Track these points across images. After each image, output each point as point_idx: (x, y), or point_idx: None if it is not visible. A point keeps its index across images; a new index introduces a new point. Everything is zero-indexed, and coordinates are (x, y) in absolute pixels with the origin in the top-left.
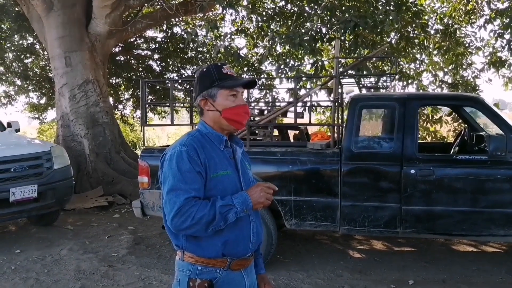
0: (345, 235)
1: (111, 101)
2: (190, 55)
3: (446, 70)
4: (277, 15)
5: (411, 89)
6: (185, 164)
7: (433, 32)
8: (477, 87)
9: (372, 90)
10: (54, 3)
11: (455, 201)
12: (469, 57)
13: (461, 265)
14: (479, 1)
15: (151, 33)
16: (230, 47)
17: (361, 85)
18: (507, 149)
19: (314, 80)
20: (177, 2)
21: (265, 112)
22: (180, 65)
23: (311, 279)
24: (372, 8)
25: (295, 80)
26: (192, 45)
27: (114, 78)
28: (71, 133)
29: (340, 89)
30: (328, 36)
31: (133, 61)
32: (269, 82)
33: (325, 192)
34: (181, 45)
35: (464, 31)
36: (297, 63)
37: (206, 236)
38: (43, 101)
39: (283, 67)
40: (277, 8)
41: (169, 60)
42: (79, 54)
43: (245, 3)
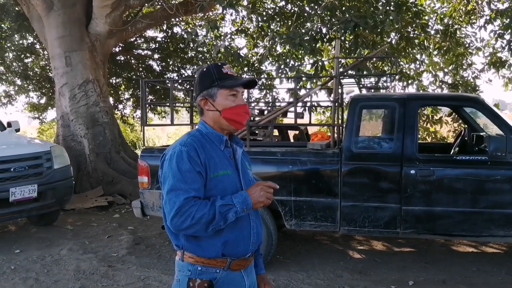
0: (345, 236)
1: (111, 101)
2: (190, 55)
3: (446, 70)
4: (277, 15)
5: (411, 90)
6: (185, 164)
7: (433, 32)
8: (477, 88)
9: (372, 90)
10: (54, 3)
11: (455, 201)
12: (469, 57)
13: (461, 265)
14: (479, 2)
15: (151, 33)
16: (230, 47)
17: (361, 85)
18: (507, 149)
19: (314, 80)
20: (177, 2)
21: (265, 112)
22: (180, 65)
23: (311, 279)
24: (372, 8)
25: (295, 80)
26: (192, 45)
27: (114, 78)
28: (71, 133)
29: (340, 89)
30: (328, 36)
31: (133, 61)
32: (269, 82)
33: (325, 192)
34: (181, 45)
35: (464, 31)
36: (297, 63)
37: (206, 236)
38: (43, 101)
39: (283, 67)
40: (277, 8)
41: (169, 60)
42: (79, 53)
43: (245, 3)
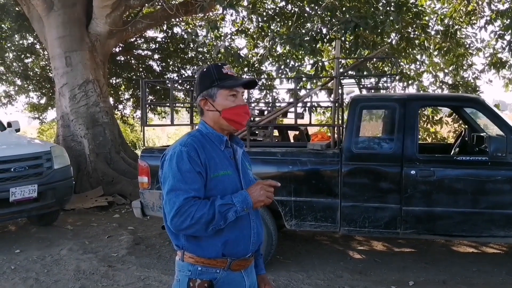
0: (345, 236)
1: (111, 101)
2: (190, 55)
3: (446, 71)
4: (277, 15)
5: (411, 90)
6: (185, 164)
7: (433, 33)
8: (477, 88)
9: (372, 90)
10: (54, 3)
11: (455, 202)
12: (469, 58)
13: (461, 266)
14: (480, 2)
15: (151, 33)
16: (230, 47)
17: (361, 85)
18: (508, 150)
19: (315, 81)
20: (177, 2)
21: (265, 113)
22: (180, 65)
23: (311, 279)
24: (372, 9)
25: (295, 80)
26: (192, 45)
27: (114, 78)
28: (71, 133)
29: (340, 90)
30: (328, 37)
31: (133, 61)
32: (269, 83)
33: (325, 192)
34: (181, 45)
35: (465, 32)
36: (297, 64)
37: (206, 236)
38: (43, 101)
39: (283, 67)
40: (277, 8)
41: (169, 60)
42: (79, 54)
43: (246, 3)
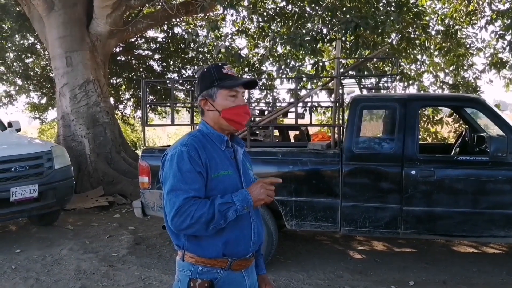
0: (345, 236)
1: (111, 101)
2: (190, 55)
3: (447, 71)
4: (278, 15)
5: (412, 90)
6: (185, 164)
7: (434, 33)
8: (478, 88)
9: (373, 90)
10: (55, 3)
11: (455, 202)
12: (470, 58)
13: (461, 266)
14: (480, 2)
15: (152, 33)
16: (230, 47)
17: (362, 85)
18: (508, 150)
19: (315, 81)
20: (178, 2)
21: (265, 113)
22: (181, 65)
23: (312, 279)
24: (373, 9)
25: (295, 80)
26: (193, 45)
27: (115, 78)
28: (72, 133)
29: (341, 90)
30: (329, 37)
31: (133, 61)
32: (270, 83)
33: (325, 192)
34: (182, 45)
35: (465, 32)
36: (298, 64)
37: (207, 236)
38: (43, 101)
39: (284, 67)
40: (278, 8)
41: (169, 60)
42: (80, 54)
43: (246, 3)
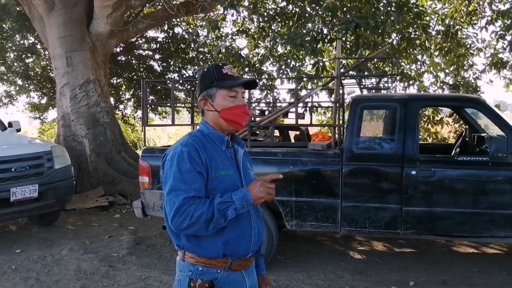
0: (345, 236)
1: (112, 101)
2: (191, 55)
3: (447, 71)
4: (278, 15)
5: (412, 90)
6: (185, 164)
7: (434, 33)
8: (478, 88)
9: (373, 91)
10: (55, 3)
11: (456, 202)
12: (470, 58)
13: (461, 266)
14: (481, 2)
15: (152, 33)
16: (231, 47)
17: (362, 86)
18: (508, 150)
19: (315, 81)
20: (178, 3)
21: (266, 113)
22: (181, 66)
23: (312, 280)
24: (373, 9)
25: (296, 80)
26: (193, 45)
27: (115, 78)
28: (72, 133)
29: (341, 90)
30: (329, 37)
31: (134, 61)
32: (270, 83)
33: (326, 193)
34: (182, 45)
35: (466, 32)
36: (298, 64)
37: (207, 236)
38: (44, 101)
39: (284, 67)
40: (278, 8)
41: (170, 60)
42: (80, 54)
43: (246, 3)
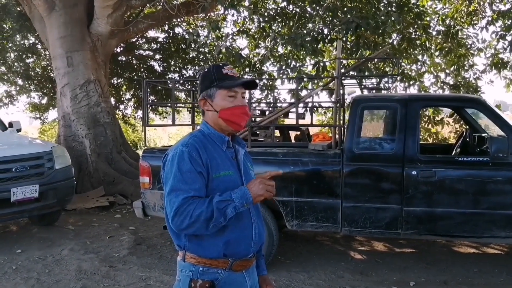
0: (346, 236)
1: (112, 101)
2: (191, 55)
3: (447, 71)
4: (279, 15)
5: (412, 90)
6: (186, 164)
7: (435, 33)
8: (478, 89)
9: (373, 91)
10: (56, 3)
11: (456, 202)
12: (470, 58)
13: (462, 266)
14: (481, 3)
15: (152, 33)
16: (231, 47)
17: (362, 86)
18: (509, 150)
19: (316, 81)
20: (179, 3)
21: (266, 113)
22: (182, 66)
23: (312, 280)
24: (374, 9)
25: (296, 81)
26: (193, 45)
27: (116, 78)
28: (73, 133)
29: (341, 90)
30: (330, 37)
31: (134, 61)
32: (271, 83)
33: (326, 193)
34: (182, 45)
35: (466, 32)
36: (298, 64)
37: (208, 236)
38: (44, 101)
39: (284, 67)
40: (279, 8)
41: (170, 61)
42: (80, 54)
43: (247, 3)
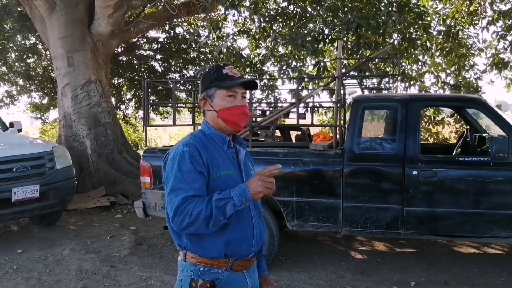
0: (347, 236)
1: (113, 101)
2: (192, 55)
3: (448, 71)
4: (279, 15)
5: (413, 90)
6: (186, 164)
7: (435, 33)
8: (479, 89)
9: (374, 91)
10: (56, 3)
11: (457, 202)
12: (471, 58)
13: (463, 266)
14: (482, 3)
15: (153, 33)
16: (232, 47)
17: (363, 86)
18: (509, 150)
19: (317, 81)
20: (179, 3)
21: (267, 113)
22: (183, 66)
23: (313, 280)
24: (374, 9)
25: (297, 81)
26: (194, 45)
27: (117, 78)
28: (73, 133)
29: (342, 90)
30: (330, 37)
31: (135, 62)
32: (271, 83)
33: (327, 193)
34: (183, 45)
35: (467, 32)
36: (299, 64)
37: (209, 236)
38: (45, 101)
39: (285, 68)
40: (279, 8)
41: (171, 61)
42: (81, 54)
43: (248, 3)
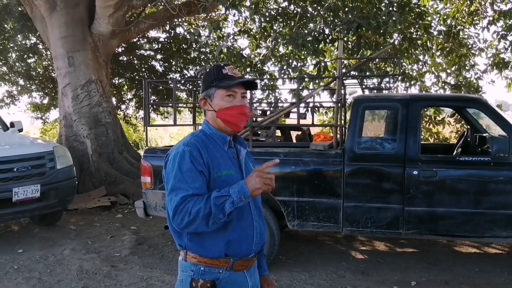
0: (347, 236)
1: (114, 101)
2: (193, 55)
3: (449, 71)
4: (280, 15)
5: (414, 90)
6: (186, 163)
7: (436, 33)
8: (480, 89)
9: (375, 91)
10: (57, 3)
11: (457, 202)
12: (472, 58)
13: (463, 266)
14: (482, 3)
15: (154, 33)
16: (232, 47)
17: (364, 86)
18: (510, 150)
19: (317, 81)
20: (180, 3)
21: (267, 113)
22: (183, 66)
23: (314, 280)
24: (375, 9)
25: (298, 81)
26: (195, 45)
27: (117, 78)
28: (74, 133)
29: (343, 90)
30: (331, 37)
31: (136, 61)
32: (272, 83)
33: (327, 193)
34: (184, 45)
35: (467, 32)
36: (300, 64)
37: (209, 235)
38: (46, 101)
39: (286, 67)
40: (280, 8)
41: (172, 61)
42: (82, 54)
43: (248, 3)
